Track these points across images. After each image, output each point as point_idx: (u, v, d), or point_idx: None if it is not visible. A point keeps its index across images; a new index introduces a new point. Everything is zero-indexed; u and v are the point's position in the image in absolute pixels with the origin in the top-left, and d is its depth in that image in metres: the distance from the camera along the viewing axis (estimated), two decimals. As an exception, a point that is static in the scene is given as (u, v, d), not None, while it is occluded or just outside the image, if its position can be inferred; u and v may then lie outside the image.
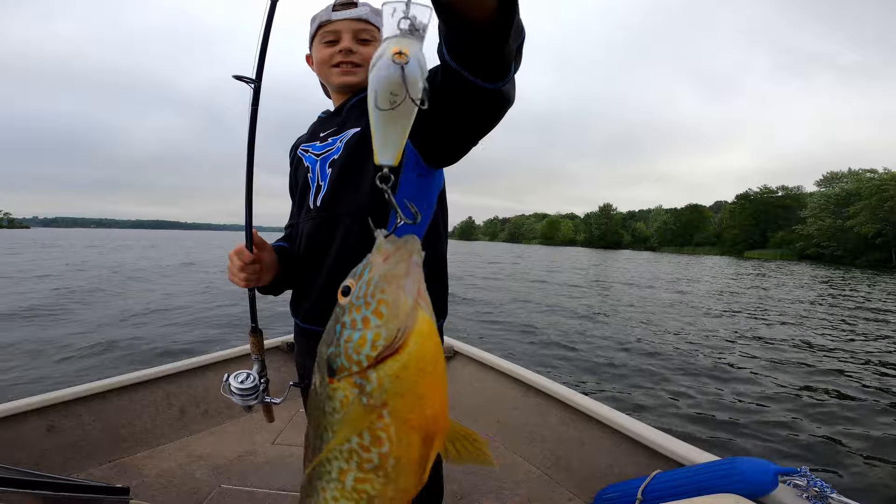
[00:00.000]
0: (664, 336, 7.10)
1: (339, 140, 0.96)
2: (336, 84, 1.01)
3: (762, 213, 73.45)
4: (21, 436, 1.63)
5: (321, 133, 1.03)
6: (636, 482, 1.44)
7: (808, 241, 58.51)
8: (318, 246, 0.95)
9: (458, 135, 0.80)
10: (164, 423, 1.98)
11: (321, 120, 1.10)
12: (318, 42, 1.01)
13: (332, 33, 0.99)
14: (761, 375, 5.14)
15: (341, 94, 1.05)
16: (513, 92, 0.70)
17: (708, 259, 50.06)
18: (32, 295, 9.65)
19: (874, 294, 15.54)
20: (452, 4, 0.56)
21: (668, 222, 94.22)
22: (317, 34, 1.01)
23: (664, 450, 1.46)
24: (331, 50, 0.99)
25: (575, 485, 1.75)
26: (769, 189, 75.12)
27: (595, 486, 1.64)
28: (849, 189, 54.12)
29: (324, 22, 0.99)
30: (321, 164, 0.98)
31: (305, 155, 1.03)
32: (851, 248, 51.34)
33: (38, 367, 4.75)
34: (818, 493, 1.07)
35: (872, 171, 55.88)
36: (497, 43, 0.59)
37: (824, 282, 20.67)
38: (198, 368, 2.11)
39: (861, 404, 4.32)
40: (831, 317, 9.71)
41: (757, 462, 1.19)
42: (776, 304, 11.86)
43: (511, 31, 0.58)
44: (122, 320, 7.30)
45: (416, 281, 0.22)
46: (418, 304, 0.22)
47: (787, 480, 1.14)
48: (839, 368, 5.57)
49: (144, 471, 1.78)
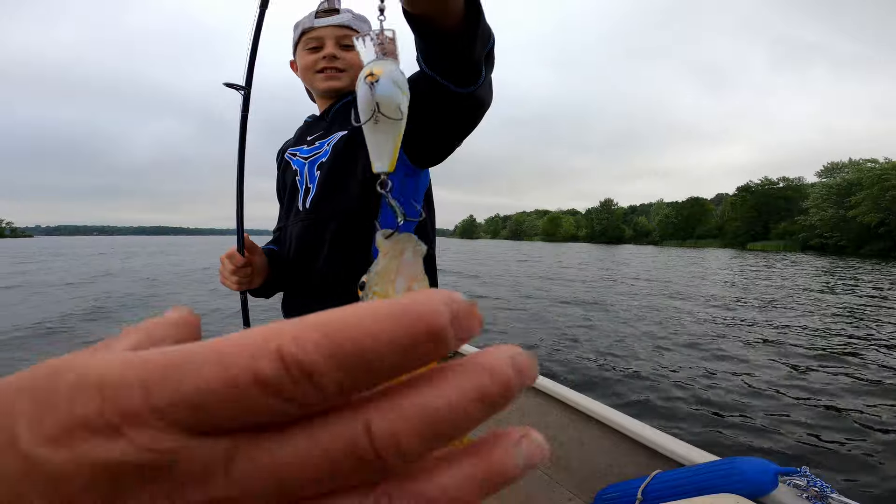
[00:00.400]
0: (664, 336, 7.09)
1: (327, 143, 0.98)
2: (321, 89, 1.03)
3: (764, 205, 73.40)
4: None
5: (308, 137, 1.04)
6: (636, 482, 1.44)
7: (811, 231, 58.46)
8: (308, 247, 0.97)
9: (439, 137, 0.83)
10: None
11: (307, 124, 1.11)
12: (302, 48, 1.02)
13: (315, 39, 1.00)
14: (762, 375, 5.13)
15: (326, 99, 1.06)
16: (488, 95, 0.74)
17: (710, 252, 49.95)
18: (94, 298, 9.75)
19: (881, 285, 15.48)
20: (422, 16, 0.60)
21: (670, 216, 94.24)
22: (300, 41, 1.02)
23: (664, 450, 1.46)
24: (314, 56, 1.00)
25: (575, 485, 1.74)
26: (770, 181, 74.99)
27: (595, 486, 1.64)
28: (850, 179, 54.02)
29: (307, 29, 1.00)
30: (309, 167, 0.99)
31: (293, 159, 1.04)
32: (854, 237, 51.26)
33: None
34: (818, 492, 1.06)
35: (873, 160, 55.74)
36: (465, 49, 0.63)
37: (829, 273, 20.61)
38: None
39: (861, 404, 4.30)
40: (832, 316, 9.65)
41: (757, 462, 1.19)
42: (778, 299, 11.83)
43: (477, 37, 0.62)
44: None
45: (406, 277, 0.24)
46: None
47: (787, 480, 1.14)
48: (840, 368, 5.55)
49: None
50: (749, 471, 1.15)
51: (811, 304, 10.90)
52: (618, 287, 13.68)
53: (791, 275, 18.97)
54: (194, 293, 11.82)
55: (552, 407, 1.90)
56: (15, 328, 7.00)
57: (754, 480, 1.13)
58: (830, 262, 31.01)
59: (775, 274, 19.42)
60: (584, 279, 15.94)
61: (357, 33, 1.00)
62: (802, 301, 11.33)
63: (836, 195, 55.08)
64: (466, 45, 0.62)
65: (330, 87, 1.01)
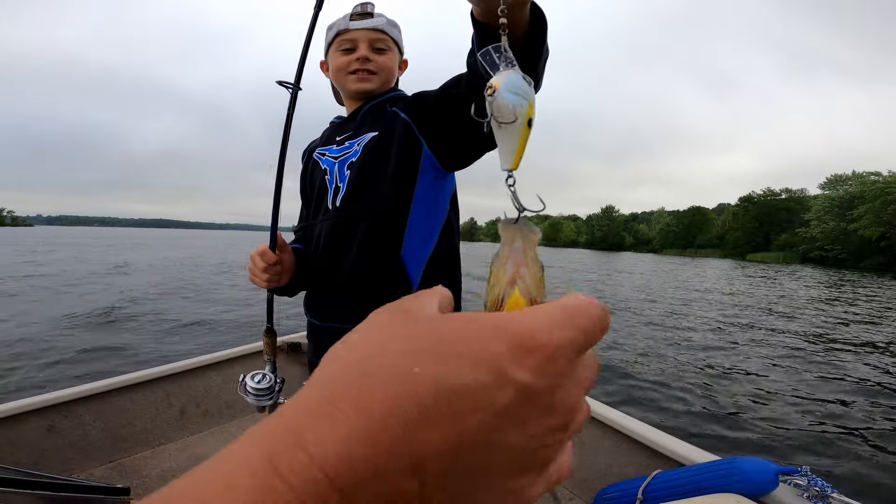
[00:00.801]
0: (664, 336, 7.09)
1: (357, 143, 0.99)
2: (352, 90, 1.04)
3: (765, 216, 73.22)
4: (21, 436, 1.62)
5: (337, 137, 1.05)
6: (636, 482, 1.44)
7: (811, 243, 58.33)
8: (337, 245, 0.98)
9: (478, 139, 0.85)
10: (164, 424, 1.97)
11: (335, 125, 1.13)
12: (335, 50, 1.03)
13: (349, 41, 1.01)
14: (762, 375, 5.14)
15: (355, 101, 1.07)
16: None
17: (709, 262, 49.88)
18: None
19: (881, 295, 15.47)
20: (491, 25, 0.61)
21: (671, 224, 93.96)
22: (333, 42, 1.04)
23: (664, 450, 1.46)
24: (348, 58, 1.01)
25: (575, 484, 1.75)
26: (773, 191, 74.86)
27: (595, 486, 1.64)
28: (853, 192, 53.90)
29: (341, 30, 1.01)
30: (339, 167, 1.00)
31: (322, 158, 1.05)
32: (855, 251, 51.15)
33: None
34: (819, 492, 1.06)
35: (877, 173, 55.64)
36: (530, 59, 0.64)
37: (829, 286, 20.58)
38: (198, 368, 2.10)
39: (862, 404, 4.31)
40: (832, 318, 9.66)
41: (757, 462, 1.19)
42: (777, 304, 11.82)
43: (542, 51, 0.64)
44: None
45: (515, 263, 0.28)
46: (514, 281, 0.27)
47: (787, 480, 1.14)
48: (840, 369, 5.55)
49: (145, 471, 1.77)
50: (749, 470, 1.15)
51: (811, 308, 10.90)
52: (618, 292, 13.67)
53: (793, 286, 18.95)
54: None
55: None
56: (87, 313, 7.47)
57: (755, 480, 1.14)
58: (827, 275, 30.96)
59: (776, 283, 19.40)
60: (583, 285, 15.93)
61: (389, 37, 1.02)
62: (802, 306, 11.32)
63: (839, 208, 54.98)
64: (528, 58, 0.63)
65: (360, 88, 1.02)
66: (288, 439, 0.14)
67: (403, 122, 0.96)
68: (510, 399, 0.16)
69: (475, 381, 0.16)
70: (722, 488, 1.17)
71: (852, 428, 3.73)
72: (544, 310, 0.19)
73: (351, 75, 1.02)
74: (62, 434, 1.71)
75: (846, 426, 3.77)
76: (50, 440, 1.68)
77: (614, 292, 13.71)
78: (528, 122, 0.35)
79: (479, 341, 0.17)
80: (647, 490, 1.38)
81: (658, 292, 14.14)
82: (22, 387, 4.00)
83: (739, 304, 11.53)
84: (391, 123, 0.97)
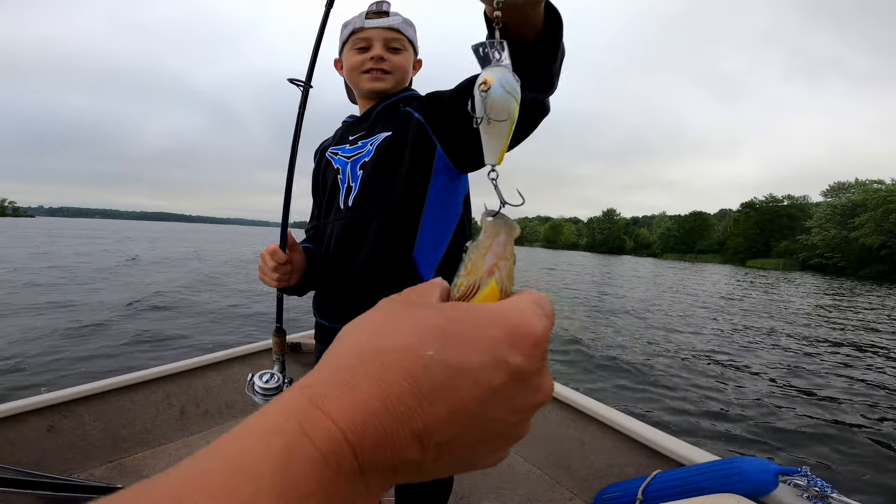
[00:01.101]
0: (665, 336, 7.09)
1: (370, 143, 0.98)
2: (365, 89, 1.03)
3: (767, 222, 73.01)
4: (21, 436, 1.61)
5: (350, 136, 1.04)
6: (636, 482, 1.45)
7: (812, 251, 58.17)
8: (348, 245, 0.97)
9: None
10: (164, 424, 1.96)
11: (347, 124, 1.11)
12: (350, 48, 1.02)
13: (363, 40, 1.00)
14: (762, 375, 5.14)
15: (369, 100, 1.06)
16: (549, 103, 0.74)
17: (709, 268, 49.82)
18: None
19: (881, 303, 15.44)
20: (506, 25, 0.60)
21: (672, 229, 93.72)
22: (348, 40, 1.03)
23: (664, 450, 1.46)
24: (362, 56, 1.00)
25: (575, 484, 1.75)
26: (774, 198, 74.68)
27: (595, 486, 1.65)
28: (855, 200, 53.74)
29: (356, 29, 1.01)
30: (352, 166, 0.99)
31: (335, 157, 1.04)
32: (855, 259, 51.00)
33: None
34: (819, 492, 1.07)
35: (880, 181, 55.45)
36: (545, 59, 0.63)
37: (828, 293, 20.56)
38: (198, 368, 2.09)
39: (862, 404, 4.31)
40: (833, 321, 9.66)
41: (757, 462, 1.19)
42: (778, 308, 11.82)
43: (557, 51, 0.63)
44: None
45: (495, 255, 0.28)
46: (493, 272, 0.28)
47: (787, 480, 1.14)
48: (840, 369, 5.56)
49: (145, 471, 1.76)
50: (749, 470, 1.16)
51: (812, 312, 10.89)
52: (619, 293, 13.66)
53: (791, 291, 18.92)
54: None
55: (552, 406, 1.90)
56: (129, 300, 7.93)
57: (755, 480, 1.14)
58: (827, 282, 30.91)
59: (775, 288, 19.37)
60: (581, 286, 15.92)
61: (404, 36, 1.02)
62: (802, 310, 11.32)
63: (840, 216, 54.85)
64: (543, 57, 0.62)
65: (374, 87, 1.01)
66: (315, 408, 0.16)
67: (417, 122, 0.96)
68: (504, 379, 0.19)
69: (478, 363, 0.18)
70: (722, 488, 1.17)
71: (852, 428, 3.74)
72: (523, 301, 0.22)
73: (365, 74, 1.01)
74: (62, 434, 1.70)
75: (846, 426, 3.77)
76: (50, 440, 1.67)
77: (614, 293, 13.71)
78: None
79: (480, 328, 0.19)
80: (647, 490, 1.39)
81: (658, 295, 14.14)
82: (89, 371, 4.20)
83: (739, 308, 11.52)
84: (405, 123, 0.97)
